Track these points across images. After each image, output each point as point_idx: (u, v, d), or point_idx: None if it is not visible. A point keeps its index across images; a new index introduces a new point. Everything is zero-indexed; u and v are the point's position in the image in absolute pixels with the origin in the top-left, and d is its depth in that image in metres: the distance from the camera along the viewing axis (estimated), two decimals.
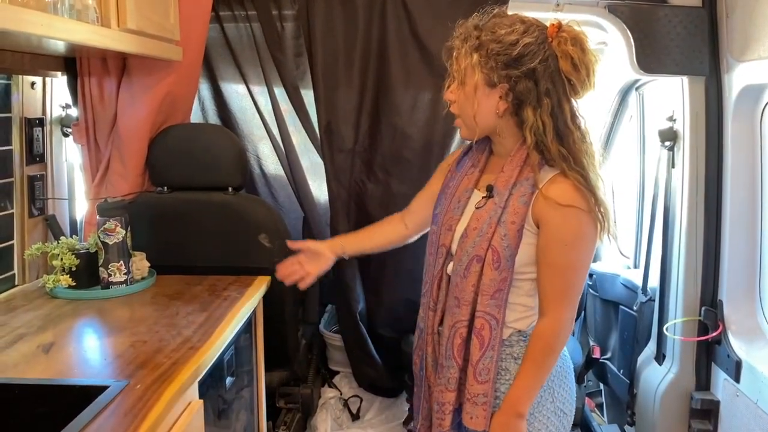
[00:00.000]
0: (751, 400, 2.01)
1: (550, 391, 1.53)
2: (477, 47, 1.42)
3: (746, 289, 2.16)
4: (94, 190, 2.19)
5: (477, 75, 1.42)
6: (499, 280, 1.45)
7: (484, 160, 1.59)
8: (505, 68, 1.40)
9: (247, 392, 2.01)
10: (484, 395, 1.47)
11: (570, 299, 1.47)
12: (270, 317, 2.12)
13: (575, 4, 2.24)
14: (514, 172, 1.46)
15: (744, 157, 2.11)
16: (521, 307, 1.50)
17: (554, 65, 1.41)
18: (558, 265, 1.44)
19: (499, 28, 1.42)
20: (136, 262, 1.97)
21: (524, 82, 1.41)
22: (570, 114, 1.44)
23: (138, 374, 1.35)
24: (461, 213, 1.55)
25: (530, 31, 1.41)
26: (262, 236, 2.11)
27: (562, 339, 1.48)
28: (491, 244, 1.44)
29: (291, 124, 2.45)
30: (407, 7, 2.22)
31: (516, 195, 1.45)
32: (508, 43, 1.40)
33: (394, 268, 2.45)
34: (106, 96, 2.14)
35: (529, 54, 1.40)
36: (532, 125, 1.42)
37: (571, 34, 1.41)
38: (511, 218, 1.44)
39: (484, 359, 1.47)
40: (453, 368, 1.50)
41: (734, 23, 2.06)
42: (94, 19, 1.58)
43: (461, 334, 1.49)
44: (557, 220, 1.41)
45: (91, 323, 1.73)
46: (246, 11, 2.32)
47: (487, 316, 1.46)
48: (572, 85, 1.42)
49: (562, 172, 1.42)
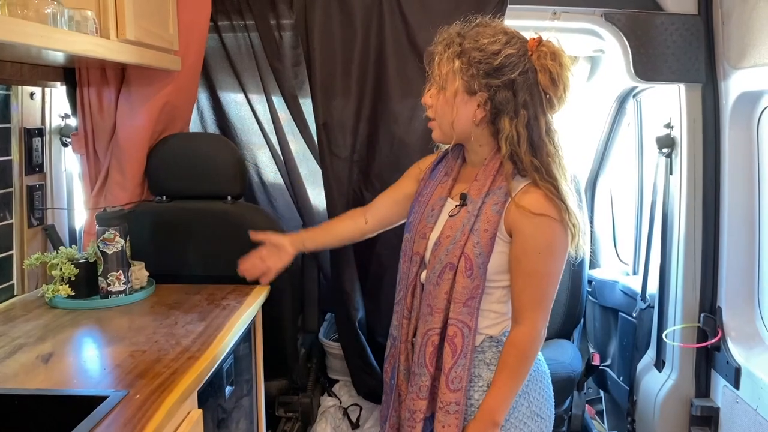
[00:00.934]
0: (750, 407, 2.01)
1: (525, 396, 1.53)
2: (459, 54, 1.43)
3: (745, 295, 2.17)
4: (93, 199, 2.20)
5: (458, 81, 1.44)
6: (471, 288, 1.46)
7: (457, 169, 1.60)
8: (486, 77, 1.42)
9: (246, 401, 2.01)
10: (456, 403, 1.47)
11: (543, 307, 1.47)
12: (269, 326, 2.12)
13: (572, 12, 2.25)
14: (488, 181, 1.48)
15: (741, 164, 2.12)
16: (493, 313, 1.50)
17: (533, 78, 1.43)
18: (531, 273, 1.45)
19: (482, 37, 1.43)
20: (135, 271, 1.97)
21: (503, 92, 1.42)
22: (545, 127, 1.45)
23: (137, 384, 1.34)
24: (435, 221, 1.56)
25: (512, 43, 1.43)
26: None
27: (536, 346, 1.48)
28: (464, 252, 1.45)
29: (289, 132, 2.46)
30: (405, 16, 2.23)
31: (489, 203, 1.46)
32: (490, 52, 1.42)
33: (393, 276, 2.44)
34: (105, 106, 2.15)
35: (510, 65, 1.42)
36: (507, 135, 1.43)
37: (551, 49, 1.43)
38: (483, 226, 1.45)
39: (456, 367, 1.47)
40: (425, 376, 1.51)
41: (730, 31, 2.07)
42: (93, 30, 1.59)
43: (433, 342, 1.49)
44: (530, 228, 1.42)
45: (91, 333, 1.73)
46: (244, 21, 2.33)
47: (459, 324, 1.47)
48: (549, 100, 1.44)
49: (534, 182, 1.43)
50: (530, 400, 1.54)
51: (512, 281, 1.47)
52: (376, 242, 2.41)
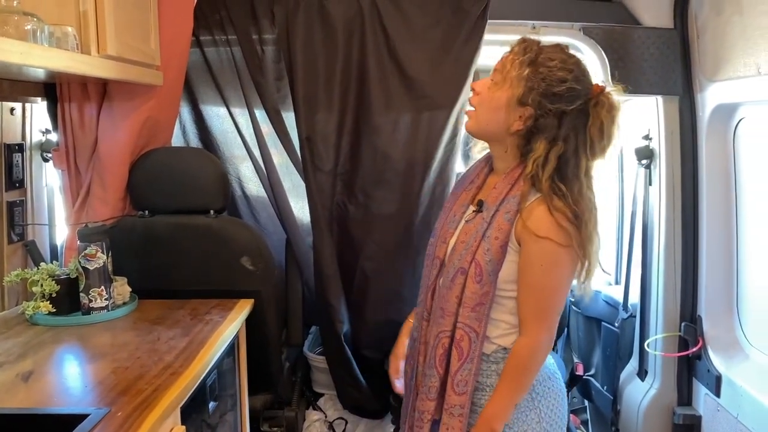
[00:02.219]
0: (731, 415, 2.03)
1: (536, 411, 1.53)
2: (532, 62, 1.44)
3: (724, 304, 2.19)
4: (74, 215, 2.18)
5: (519, 88, 1.44)
6: (480, 294, 1.47)
7: (483, 177, 1.62)
8: (542, 96, 1.43)
9: (230, 416, 2.00)
10: (461, 407, 1.49)
11: (546, 320, 1.48)
12: (253, 340, 2.11)
13: (551, 26, 2.29)
14: (505, 189, 1.49)
15: (718, 174, 2.15)
16: (505, 324, 1.51)
17: (583, 121, 1.44)
18: (534, 285, 1.46)
19: (557, 60, 1.44)
20: (118, 287, 1.96)
21: (550, 118, 1.44)
22: (584, 169, 1.46)
23: (119, 401, 1.33)
24: (456, 227, 1.58)
25: (580, 80, 1.45)
26: (244, 259, 2.11)
27: (537, 359, 1.50)
28: (475, 258, 1.47)
29: (272, 145, 2.46)
30: (386, 30, 2.25)
31: (502, 211, 1.47)
32: (557, 77, 1.43)
33: (378, 289, 2.45)
34: (87, 121, 2.14)
35: (569, 98, 1.43)
36: (537, 157, 1.44)
37: (610, 101, 1.45)
38: (494, 234, 1.46)
39: (462, 371, 1.48)
40: (434, 377, 1.52)
41: (705, 44, 2.11)
42: (74, 46, 1.58)
43: (443, 345, 1.51)
44: (534, 248, 1.44)
45: (72, 350, 1.72)
46: (226, 36, 2.34)
47: (466, 328, 1.48)
48: (592, 146, 1.45)
49: (547, 205, 1.42)
50: (541, 415, 1.54)
51: (517, 291, 1.48)
52: (360, 254, 2.42)
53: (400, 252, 2.41)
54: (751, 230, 2.07)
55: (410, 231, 2.38)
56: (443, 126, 2.30)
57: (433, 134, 2.30)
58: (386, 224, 2.39)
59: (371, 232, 2.40)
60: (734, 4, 1.88)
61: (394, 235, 2.39)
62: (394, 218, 2.37)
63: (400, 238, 2.39)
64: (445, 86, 2.26)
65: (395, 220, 2.37)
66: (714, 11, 2.02)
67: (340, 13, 2.25)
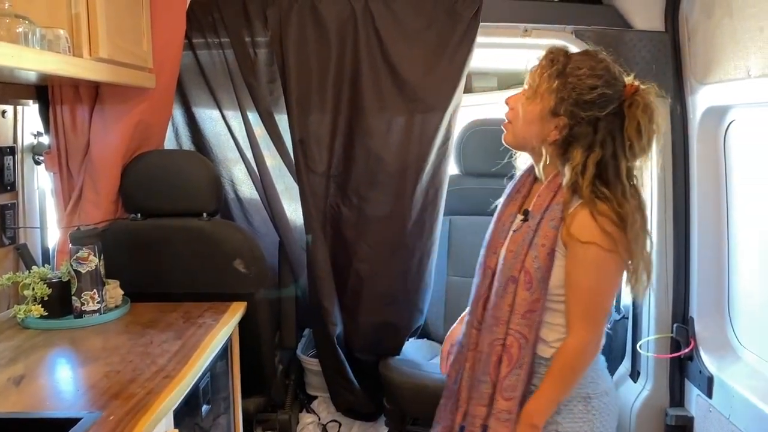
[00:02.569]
0: (723, 416, 2.04)
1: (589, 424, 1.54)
2: (559, 74, 1.46)
3: (716, 305, 2.20)
4: (66, 218, 2.17)
5: (550, 100, 1.46)
6: (530, 301, 1.49)
7: (528, 185, 1.64)
8: (574, 105, 1.44)
9: (224, 419, 1.99)
10: (508, 412, 1.50)
11: (591, 320, 1.49)
12: (246, 343, 2.11)
13: (542, 29, 2.30)
14: (548, 197, 1.51)
15: (709, 176, 2.16)
16: (561, 327, 1.53)
17: (619, 123, 1.45)
18: (580, 287, 1.47)
19: (585, 67, 1.45)
20: (110, 290, 1.95)
21: (584, 126, 1.45)
22: (625, 171, 1.46)
23: (111, 405, 1.33)
24: (505, 237, 1.60)
25: (611, 84, 1.45)
26: (237, 262, 2.11)
27: (584, 359, 1.51)
28: (524, 266, 1.49)
29: (265, 148, 2.46)
30: (379, 33, 2.25)
31: (547, 219, 1.49)
32: (587, 85, 1.44)
33: (371, 291, 2.45)
34: (79, 124, 2.14)
35: (601, 103, 1.44)
36: (575, 165, 1.45)
37: (645, 100, 1.46)
38: (541, 241, 1.48)
39: (511, 376, 1.50)
40: (487, 384, 1.54)
41: (696, 47, 2.12)
42: (66, 48, 1.58)
43: (497, 352, 1.53)
44: (580, 252, 1.45)
45: (64, 354, 1.71)
46: (219, 38, 2.34)
47: (517, 335, 1.50)
48: (631, 147, 1.45)
49: (591, 211, 1.43)
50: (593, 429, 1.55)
51: (565, 294, 1.50)
52: (353, 257, 2.42)
53: (394, 254, 2.42)
54: (741, 232, 2.08)
55: (404, 233, 2.39)
56: (436, 128, 2.30)
57: (426, 136, 2.31)
58: (380, 226, 2.39)
59: (365, 235, 2.40)
60: (724, 7, 1.89)
61: (387, 238, 2.40)
62: (388, 220, 2.37)
63: (393, 240, 2.40)
64: (438, 89, 2.27)
65: (389, 222, 2.37)
66: (704, 14, 2.04)
67: (333, 16, 2.26)
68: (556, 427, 1.53)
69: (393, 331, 2.50)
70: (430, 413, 2.42)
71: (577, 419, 1.54)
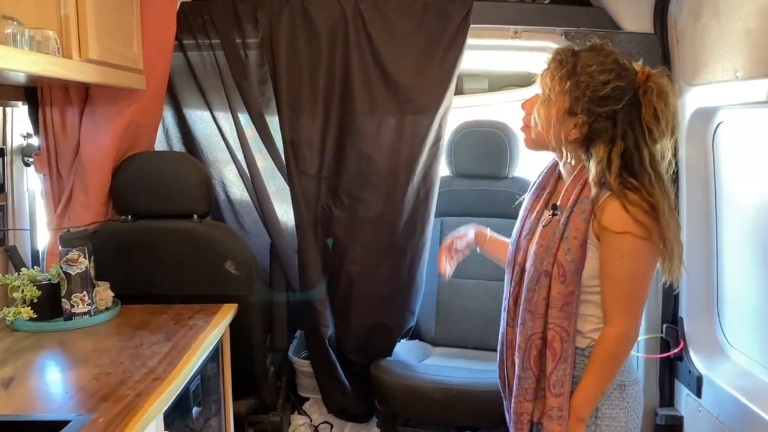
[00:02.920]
0: (712, 415, 2.05)
1: (624, 411, 1.55)
2: (570, 74, 1.46)
3: (705, 305, 2.21)
4: (56, 220, 2.17)
5: (565, 102, 1.47)
6: (566, 294, 1.49)
7: (553, 183, 1.65)
8: (590, 103, 1.45)
9: (215, 421, 1.99)
10: (559, 409, 1.50)
11: (630, 308, 1.50)
12: (238, 345, 2.10)
13: (532, 31, 2.31)
14: (576, 191, 1.52)
15: (698, 177, 2.18)
16: (595, 318, 1.53)
17: (636, 112, 1.46)
18: (617, 276, 1.48)
19: (594, 63, 1.46)
20: (100, 292, 1.95)
21: (603, 121, 1.45)
22: (649, 158, 1.46)
23: (101, 407, 1.33)
24: (533, 233, 1.61)
25: (623, 76, 1.46)
26: (228, 263, 2.11)
27: (625, 347, 1.52)
28: (557, 259, 1.50)
29: (256, 149, 2.46)
30: (369, 34, 2.26)
31: (577, 212, 1.50)
32: (599, 81, 1.44)
33: (363, 292, 2.45)
34: (69, 125, 2.13)
35: (616, 96, 1.44)
36: (600, 161, 1.46)
37: (658, 86, 1.46)
38: (573, 234, 1.49)
39: (557, 371, 1.51)
40: (530, 379, 1.55)
41: (684, 49, 2.14)
42: (55, 50, 1.58)
43: (537, 346, 1.54)
44: (614, 242, 1.46)
45: (53, 356, 1.70)
46: (209, 39, 2.34)
47: (557, 329, 1.51)
48: (651, 133, 1.46)
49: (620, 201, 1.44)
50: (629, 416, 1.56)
51: (600, 283, 1.51)
52: (345, 258, 2.42)
53: (386, 255, 2.42)
54: (730, 232, 2.10)
55: (395, 234, 2.39)
56: (427, 130, 2.31)
57: (417, 138, 2.32)
58: (371, 227, 2.39)
59: (356, 236, 2.41)
60: (711, 9, 1.91)
61: (379, 239, 2.40)
62: (379, 221, 2.38)
63: (385, 241, 2.40)
64: (429, 90, 2.27)
65: (380, 224, 2.38)
66: (692, 17, 2.05)
67: (324, 18, 2.26)
68: (595, 413, 1.54)
69: (384, 333, 2.50)
70: (421, 414, 2.45)
71: (614, 406, 1.55)
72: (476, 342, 2.65)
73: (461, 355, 2.62)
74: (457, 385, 2.26)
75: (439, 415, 2.35)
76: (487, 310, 2.60)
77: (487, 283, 2.67)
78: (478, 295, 2.67)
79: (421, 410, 2.38)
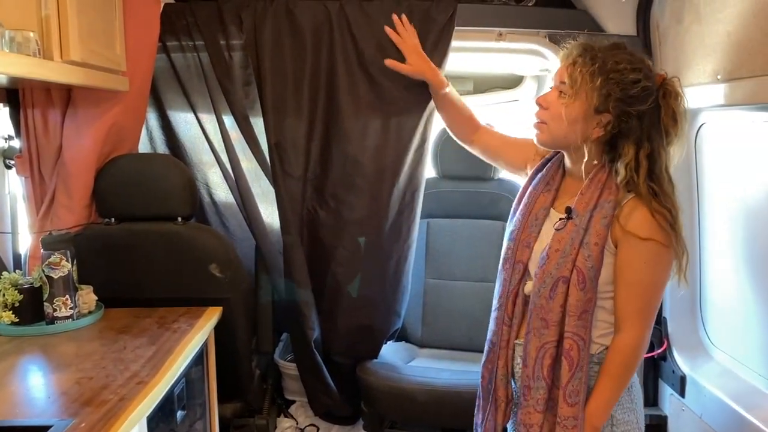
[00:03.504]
0: (696, 414, 2.07)
1: (634, 413, 1.56)
2: (602, 70, 1.44)
3: (688, 306, 2.23)
4: (38, 223, 2.15)
5: (593, 99, 1.45)
6: (584, 301, 1.48)
7: (558, 180, 1.63)
8: (619, 102, 1.44)
9: (200, 425, 1.98)
10: (574, 418, 1.49)
11: (646, 316, 1.50)
12: (222, 348, 2.10)
13: (517, 33, 2.32)
14: (594, 194, 1.50)
15: (680, 178, 2.18)
16: (605, 323, 1.53)
17: (657, 115, 1.46)
18: (635, 283, 1.47)
19: (623, 62, 1.45)
20: (83, 295, 1.93)
21: (632, 121, 1.44)
22: (666, 162, 1.48)
23: (83, 412, 1.32)
24: (538, 231, 1.59)
25: (650, 76, 1.46)
26: (212, 266, 2.10)
27: (639, 354, 1.51)
28: (576, 266, 1.48)
29: (241, 151, 2.44)
30: (354, 36, 2.25)
31: (597, 217, 1.48)
32: (630, 80, 1.44)
33: (348, 294, 2.45)
34: (51, 127, 2.11)
35: (644, 96, 1.44)
36: (629, 161, 1.45)
37: (674, 89, 1.47)
38: (594, 240, 1.47)
39: (573, 380, 1.49)
40: (542, 389, 1.52)
41: (666, 51, 2.16)
42: (36, 51, 1.56)
43: (551, 355, 1.52)
44: (637, 248, 1.45)
45: (35, 360, 1.69)
46: (193, 41, 2.32)
47: (575, 337, 1.49)
48: (668, 137, 1.47)
49: (647, 206, 1.44)
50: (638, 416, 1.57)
51: (615, 290, 1.50)
52: (331, 261, 2.41)
53: (371, 257, 2.42)
54: (712, 233, 2.12)
55: (381, 236, 2.39)
56: (413, 131, 2.31)
57: (403, 140, 2.31)
58: (357, 230, 2.39)
59: (342, 238, 2.40)
60: (693, 12, 1.93)
61: (365, 241, 2.39)
62: (365, 223, 2.37)
63: (371, 243, 2.40)
64: (414, 92, 2.27)
65: (366, 226, 2.37)
66: (674, 19, 2.07)
67: (309, 20, 2.26)
68: (611, 420, 1.54)
69: (370, 335, 2.50)
70: (407, 416, 2.45)
71: (626, 410, 1.55)
72: (463, 343, 2.66)
73: (448, 356, 2.63)
74: (443, 387, 2.26)
75: (425, 416, 2.35)
76: (474, 312, 2.61)
77: (474, 284, 2.68)
78: (465, 297, 2.68)
79: (407, 412, 2.38)
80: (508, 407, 1.64)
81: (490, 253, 2.55)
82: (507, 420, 1.65)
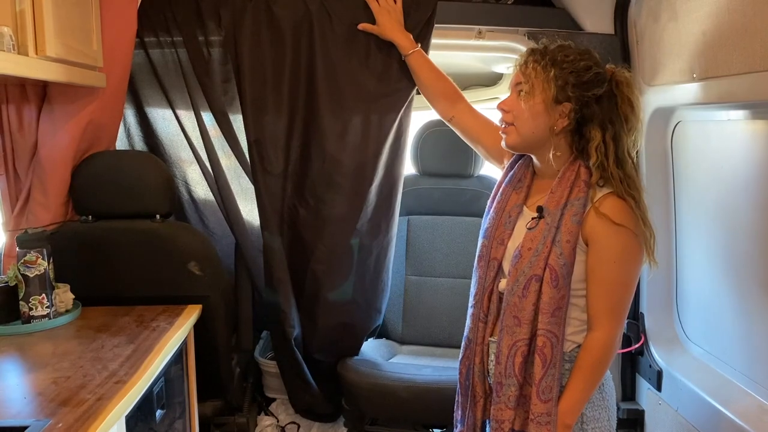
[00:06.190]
0: (672, 408, 2.10)
1: (606, 411, 1.59)
2: (554, 63, 1.50)
3: (664, 301, 2.27)
4: (13, 221, 2.11)
5: (551, 89, 1.50)
6: (558, 298, 1.50)
7: (530, 178, 1.66)
8: (577, 88, 1.49)
9: (179, 424, 1.97)
10: (548, 414, 1.50)
11: (618, 314, 1.52)
12: (202, 346, 2.08)
13: (496, 31, 2.33)
14: (565, 192, 1.52)
15: (657, 175, 2.22)
16: (577, 321, 1.55)
17: (614, 102, 1.51)
18: (607, 281, 1.50)
19: (573, 54, 1.52)
20: (60, 294, 1.91)
21: (592, 105, 1.50)
22: (627, 147, 1.52)
23: (60, 412, 1.30)
24: (512, 229, 1.61)
25: (599, 64, 1.53)
26: (191, 264, 2.08)
27: (610, 353, 1.53)
28: (548, 264, 1.50)
29: (220, 148, 2.43)
30: (334, 34, 2.24)
31: (568, 214, 1.50)
32: (582, 67, 1.50)
33: (329, 292, 2.44)
34: (26, 124, 2.08)
35: (598, 81, 1.50)
36: (597, 144, 1.49)
37: (625, 78, 1.53)
38: (565, 237, 1.49)
39: (546, 377, 1.50)
40: (513, 386, 1.54)
41: (644, 50, 2.18)
42: (10, 46, 1.53)
43: (522, 353, 1.53)
44: (606, 238, 1.48)
45: (11, 360, 1.66)
46: (171, 37, 2.30)
47: (548, 334, 1.50)
48: (627, 123, 1.51)
49: (618, 193, 1.48)
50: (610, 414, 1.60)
51: (588, 288, 1.52)
52: (310, 258, 2.41)
53: (351, 254, 2.41)
54: (688, 229, 2.15)
55: (360, 233, 2.39)
56: (389, 128, 2.31)
57: (381, 135, 2.31)
58: (336, 227, 2.38)
59: (322, 235, 2.39)
60: (670, 11, 1.95)
61: (344, 238, 2.39)
62: (344, 221, 2.37)
63: (349, 240, 2.40)
64: (393, 90, 2.27)
65: (345, 223, 2.37)
66: (651, 18, 2.09)
67: (288, 16, 2.24)
68: (581, 418, 1.56)
69: (351, 332, 2.50)
70: (388, 413, 2.46)
71: (597, 407, 1.57)
72: (443, 340, 2.67)
73: (428, 353, 2.64)
74: (424, 383, 2.27)
75: (406, 413, 2.37)
76: (454, 308, 2.63)
77: (453, 281, 2.70)
78: (445, 293, 2.69)
79: (387, 408, 2.38)
80: (487, 403, 1.65)
81: (470, 249, 2.55)
82: (486, 415, 1.66)
